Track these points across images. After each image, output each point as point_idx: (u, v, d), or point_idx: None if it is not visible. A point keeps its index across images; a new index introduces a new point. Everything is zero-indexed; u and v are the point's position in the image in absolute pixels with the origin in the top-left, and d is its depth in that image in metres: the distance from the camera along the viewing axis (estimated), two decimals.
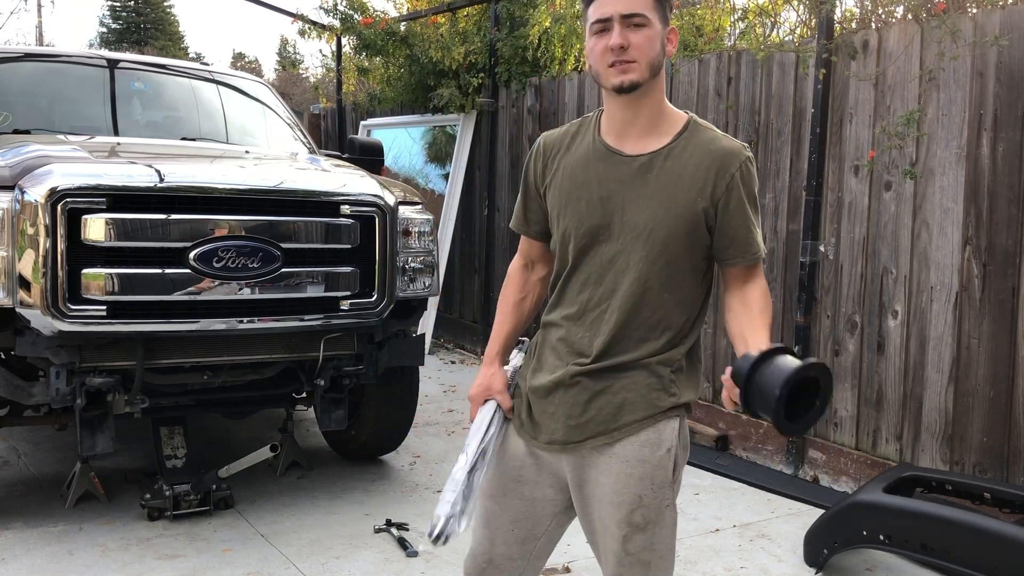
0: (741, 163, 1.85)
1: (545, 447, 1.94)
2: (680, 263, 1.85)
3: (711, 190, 1.82)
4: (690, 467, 4.66)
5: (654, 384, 1.87)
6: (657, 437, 1.87)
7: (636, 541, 1.87)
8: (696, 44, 5.53)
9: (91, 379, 3.41)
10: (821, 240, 4.43)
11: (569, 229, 1.90)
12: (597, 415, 1.87)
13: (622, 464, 1.86)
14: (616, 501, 1.86)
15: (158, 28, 42.53)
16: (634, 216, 1.82)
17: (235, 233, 3.46)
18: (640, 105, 1.83)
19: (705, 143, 1.86)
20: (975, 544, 2.99)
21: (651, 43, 1.78)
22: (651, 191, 1.82)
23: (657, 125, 1.86)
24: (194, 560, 3.41)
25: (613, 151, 1.87)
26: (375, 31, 7.53)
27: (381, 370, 3.99)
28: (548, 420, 1.92)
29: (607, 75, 1.79)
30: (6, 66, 4.67)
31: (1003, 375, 3.71)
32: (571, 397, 1.89)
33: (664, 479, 1.88)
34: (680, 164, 1.83)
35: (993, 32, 3.63)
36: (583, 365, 1.88)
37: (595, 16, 1.79)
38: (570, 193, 1.90)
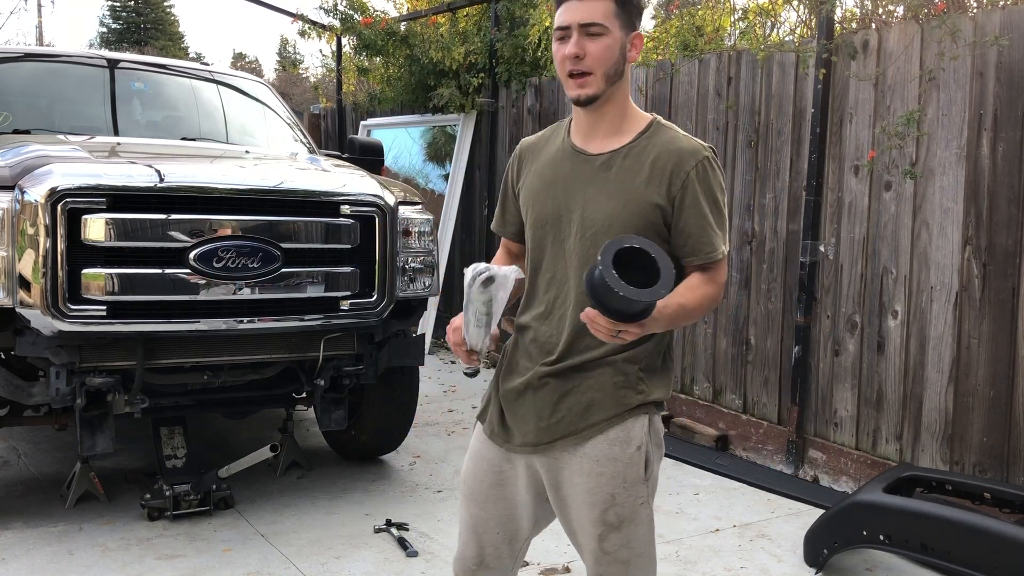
0: (698, 161, 1.85)
1: (518, 449, 1.96)
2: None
3: (667, 187, 1.84)
4: (690, 467, 4.66)
5: (621, 382, 1.88)
6: (626, 435, 1.88)
7: (612, 540, 1.90)
8: (696, 44, 5.53)
9: (91, 379, 3.41)
10: (821, 240, 4.43)
11: (536, 226, 1.96)
12: (566, 415, 1.89)
13: (593, 463, 1.88)
14: (589, 501, 1.88)
15: (158, 28, 42.52)
16: (593, 212, 1.86)
17: (235, 233, 3.46)
18: (602, 111, 1.88)
19: (665, 142, 1.88)
20: (975, 544, 2.99)
21: (608, 52, 1.81)
22: (610, 188, 1.86)
23: (621, 126, 1.90)
24: (194, 560, 3.41)
25: (579, 151, 1.92)
26: (375, 31, 7.53)
27: (381, 370, 3.99)
28: (519, 423, 1.95)
29: (567, 85, 1.86)
30: (6, 66, 4.67)
31: (1003, 375, 3.71)
32: (540, 399, 1.92)
33: (636, 477, 1.89)
34: (639, 162, 1.86)
35: (993, 32, 3.63)
36: (550, 365, 1.91)
37: (557, 23, 1.85)
38: (538, 192, 1.96)
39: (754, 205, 4.81)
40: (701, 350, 5.17)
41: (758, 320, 4.81)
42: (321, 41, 9.17)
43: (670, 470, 4.63)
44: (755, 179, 4.81)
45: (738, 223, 4.90)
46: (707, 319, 5.11)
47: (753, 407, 4.86)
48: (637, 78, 5.61)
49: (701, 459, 4.74)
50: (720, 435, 4.94)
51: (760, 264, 4.79)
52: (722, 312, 5.02)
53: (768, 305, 4.75)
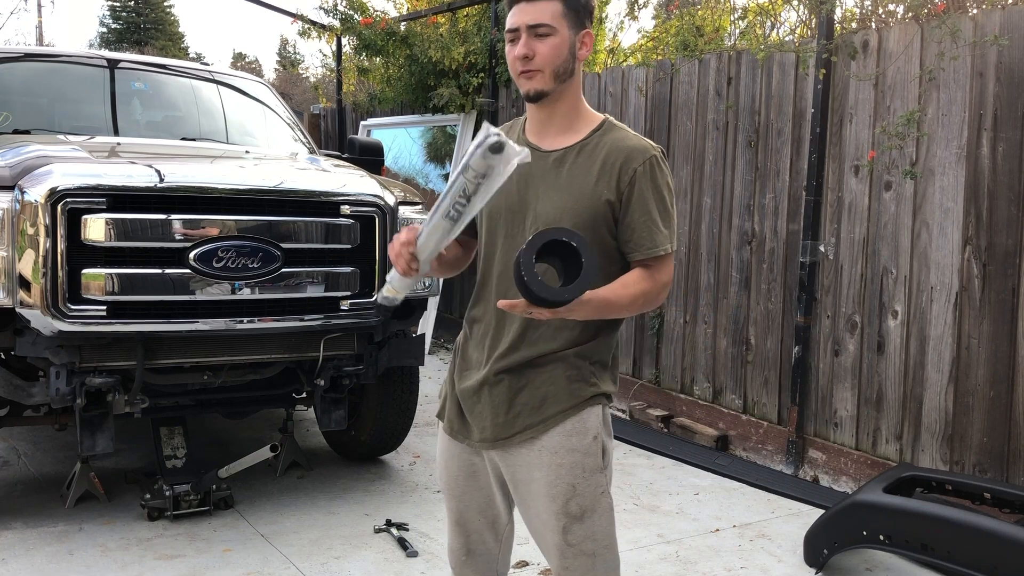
0: (646, 159, 1.90)
1: (477, 445, 2.00)
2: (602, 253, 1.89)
3: (616, 183, 1.89)
4: (690, 467, 4.66)
5: (574, 376, 1.93)
6: (582, 425, 1.93)
7: (575, 532, 1.93)
8: (696, 44, 5.53)
9: (91, 379, 3.41)
10: (821, 240, 4.43)
11: (489, 219, 1.99)
12: (522, 411, 1.93)
13: (551, 455, 1.92)
14: (551, 493, 1.92)
15: (158, 28, 42.50)
16: (545, 207, 1.90)
17: (235, 233, 3.46)
18: (554, 108, 1.93)
19: (616, 140, 1.93)
20: (975, 544, 2.99)
21: (556, 51, 1.87)
22: (562, 183, 1.91)
23: (573, 124, 1.95)
24: (194, 560, 3.41)
25: (533, 147, 1.95)
26: (375, 31, 7.53)
27: (381, 370, 3.99)
28: (477, 419, 1.99)
29: (518, 82, 1.92)
30: (6, 66, 4.66)
31: (1003, 375, 3.71)
32: (496, 395, 1.95)
33: (595, 466, 1.94)
34: (591, 159, 1.91)
35: (993, 32, 3.63)
36: (503, 358, 1.94)
37: (508, 25, 1.91)
38: None
39: (754, 205, 4.81)
40: (701, 350, 5.17)
41: (758, 320, 4.81)
42: (321, 41, 9.18)
43: (670, 470, 4.63)
44: (755, 179, 4.81)
45: (738, 223, 4.91)
46: (707, 319, 5.11)
47: (753, 407, 4.86)
48: (637, 78, 5.62)
49: (701, 459, 4.74)
50: (720, 435, 4.94)
51: (760, 264, 4.79)
52: (722, 312, 5.02)
53: (768, 305, 4.75)
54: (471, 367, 2.01)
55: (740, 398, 4.93)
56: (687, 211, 5.26)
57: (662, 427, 5.26)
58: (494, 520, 2.09)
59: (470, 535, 2.10)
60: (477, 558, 2.12)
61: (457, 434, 2.04)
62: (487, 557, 2.12)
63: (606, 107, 5.93)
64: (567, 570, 1.96)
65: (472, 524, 2.09)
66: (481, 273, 2.04)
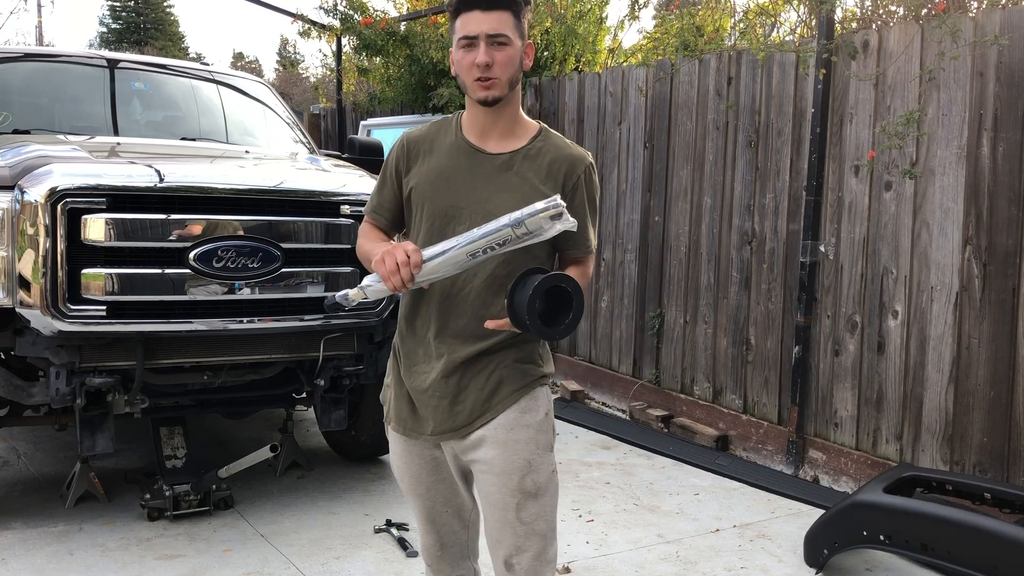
0: (586, 167, 2.07)
1: (436, 438, 2.06)
2: (536, 250, 2.00)
3: (561, 187, 2.03)
4: (690, 467, 4.66)
5: (524, 358, 2.04)
6: (534, 403, 2.04)
7: (529, 509, 2.01)
8: (696, 44, 5.53)
9: (91, 379, 3.41)
10: (821, 240, 4.43)
11: (433, 217, 2.04)
12: (477, 397, 2.02)
13: (507, 432, 2.01)
14: (507, 470, 2.00)
15: (158, 28, 42.50)
16: (496, 207, 1.97)
17: (235, 233, 3.46)
18: (500, 113, 2.03)
19: (558, 147, 2.07)
20: (975, 544, 2.99)
21: (512, 61, 1.97)
22: (512, 185, 2.02)
23: (514, 129, 2.06)
24: (194, 560, 3.41)
25: (476, 148, 2.05)
26: (375, 31, 7.53)
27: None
28: (433, 412, 2.05)
29: (473, 88, 1.99)
30: (6, 66, 4.66)
31: (1003, 375, 3.71)
32: (452, 386, 2.02)
33: (547, 442, 2.06)
34: (536, 163, 2.04)
35: (993, 32, 3.63)
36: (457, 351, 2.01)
37: (463, 32, 1.97)
38: (435, 184, 2.05)
39: (754, 205, 4.81)
40: (701, 350, 5.17)
41: (758, 320, 4.81)
42: (321, 41, 9.18)
43: (670, 470, 4.63)
44: (755, 179, 4.81)
45: (738, 223, 4.90)
46: (707, 319, 5.11)
47: (753, 407, 4.86)
48: (637, 78, 5.62)
49: (701, 459, 4.74)
50: (720, 435, 4.94)
51: (760, 264, 4.79)
52: (722, 312, 5.02)
53: (768, 305, 4.75)
54: (419, 363, 2.06)
55: (740, 398, 4.93)
56: (687, 211, 5.26)
57: (662, 427, 5.26)
58: (459, 508, 2.17)
59: (440, 529, 2.18)
60: (450, 549, 2.20)
61: (411, 432, 2.09)
62: (459, 547, 2.20)
63: (606, 107, 5.93)
64: (520, 550, 2.02)
65: (441, 518, 2.16)
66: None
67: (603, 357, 5.98)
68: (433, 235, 2.02)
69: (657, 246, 5.50)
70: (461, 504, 2.16)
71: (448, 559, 2.20)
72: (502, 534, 2.04)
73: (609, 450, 4.91)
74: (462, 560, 2.22)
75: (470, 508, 2.19)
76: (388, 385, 2.18)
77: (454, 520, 2.17)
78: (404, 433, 2.11)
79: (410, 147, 2.11)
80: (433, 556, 2.20)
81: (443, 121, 2.14)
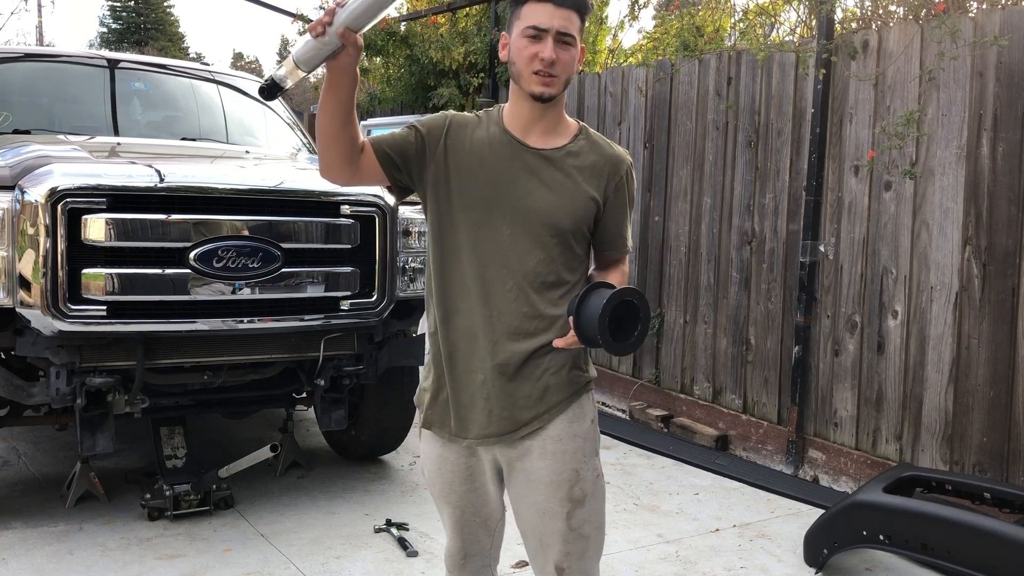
0: (627, 168, 2.08)
1: (480, 442, 2.02)
2: (575, 248, 2.02)
3: (603, 186, 2.03)
4: (690, 467, 4.66)
5: (571, 364, 2.02)
6: (581, 411, 2.03)
7: (577, 516, 2.01)
8: (696, 44, 5.53)
9: (91, 379, 3.41)
10: (821, 240, 4.43)
11: (471, 207, 1.98)
12: (525, 403, 1.98)
13: (556, 443, 1.99)
14: (556, 480, 1.99)
15: (158, 28, 42.50)
16: (538, 202, 1.97)
17: (235, 233, 3.46)
18: (547, 110, 2.01)
19: (600, 147, 2.07)
20: (975, 544, 2.99)
21: (574, 62, 1.97)
22: (556, 182, 2.00)
23: (557, 127, 2.04)
24: (194, 560, 3.41)
25: (519, 141, 2.01)
26: (375, 31, 7.53)
27: (381, 370, 3.99)
28: (478, 415, 2.00)
29: (530, 81, 1.94)
30: (6, 66, 4.66)
31: (1003, 375, 3.71)
32: (499, 391, 1.98)
33: (593, 449, 2.05)
34: (580, 160, 2.03)
35: (993, 32, 3.63)
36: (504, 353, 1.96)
37: (532, 21, 1.91)
38: (474, 171, 1.99)
39: (754, 205, 4.81)
40: (701, 350, 5.17)
41: (758, 320, 4.81)
42: None
43: (670, 470, 4.63)
44: (755, 179, 4.81)
45: (738, 223, 4.91)
46: (707, 319, 5.11)
47: (753, 407, 4.86)
48: (637, 78, 5.62)
49: (701, 459, 4.74)
50: (720, 435, 4.94)
51: (760, 264, 4.79)
52: (722, 312, 5.03)
53: (768, 305, 4.75)
54: (462, 364, 2.01)
55: (740, 398, 4.93)
56: (687, 211, 5.26)
57: (662, 427, 5.26)
58: (487, 519, 2.14)
59: (467, 537, 2.15)
60: (473, 559, 2.17)
61: (454, 436, 2.04)
62: (482, 556, 2.18)
63: (606, 107, 5.93)
64: (568, 555, 2.03)
65: (468, 527, 2.14)
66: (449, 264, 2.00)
67: (603, 357, 5.98)
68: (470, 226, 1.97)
69: (657, 246, 5.50)
70: (489, 514, 2.13)
71: (470, 568, 2.18)
72: (552, 540, 2.03)
73: (609, 450, 4.91)
74: (483, 569, 2.19)
75: (497, 518, 2.16)
76: (425, 388, 2.10)
77: (480, 529, 2.14)
78: (447, 438, 2.06)
79: (454, 127, 2.02)
80: (456, 564, 2.18)
81: (486, 112, 2.09)
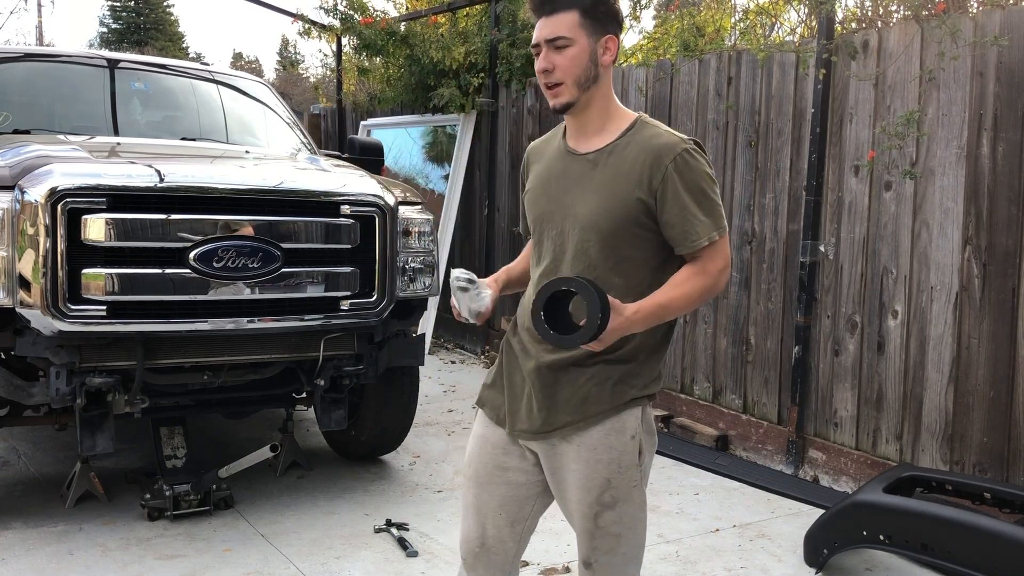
0: (676, 155, 1.92)
1: (519, 435, 2.06)
2: (625, 251, 1.94)
3: (648, 182, 1.92)
4: (690, 467, 4.66)
5: (617, 378, 1.97)
6: (621, 425, 1.98)
7: (606, 517, 2.00)
8: (696, 44, 5.53)
9: (91, 379, 3.41)
10: (821, 240, 4.43)
11: (535, 224, 2.07)
12: (564, 407, 1.98)
13: (590, 452, 1.98)
14: (587, 486, 1.99)
15: (158, 28, 42.48)
16: (582, 208, 1.96)
17: (235, 233, 3.46)
18: (584, 114, 1.99)
19: (646, 139, 1.96)
20: (975, 544, 2.99)
21: (574, 62, 1.92)
22: (596, 185, 1.96)
23: (606, 126, 2.00)
24: (194, 560, 3.41)
25: (570, 150, 2.03)
26: (375, 31, 7.53)
27: (381, 370, 3.99)
28: (521, 410, 2.04)
29: (547, 95, 1.99)
30: (6, 66, 4.66)
31: (1003, 375, 3.71)
32: (540, 389, 2.00)
33: (631, 462, 1.99)
34: (621, 159, 1.96)
35: (993, 32, 3.63)
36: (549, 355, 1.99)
37: (533, 41, 1.97)
38: (535, 192, 2.07)
39: (754, 205, 4.81)
40: (701, 350, 5.17)
41: (758, 320, 4.81)
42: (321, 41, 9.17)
43: (670, 470, 4.63)
44: (755, 179, 4.81)
45: (738, 223, 4.90)
46: (707, 319, 5.11)
47: (753, 407, 4.86)
48: (637, 78, 5.62)
49: (701, 459, 4.74)
50: (720, 435, 4.94)
51: (760, 264, 4.79)
52: (722, 312, 5.02)
53: (768, 305, 4.75)
54: (518, 359, 2.07)
55: (740, 398, 4.93)
56: None
57: (662, 427, 5.26)
58: (514, 519, 2.10)
59: (487, 528, 2.11)
60: (492, 555, 2.12)
61: (502, 421, 2.08)
62: (503, 557, 2.12)
63: None
64: (595, 550, 2.04)
65: (491, 518, 2.10)
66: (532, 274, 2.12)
67: None
68: (536, 242, 2.07)
69: None
70: (517, 514, 2.10)
71: (486, 563, 2.12)
72: (581, 536, 2.06)
73: None
74: (498, 570, 2.14)
75: (524, 518, 2.12)
76: (491, 369, 2.18)
77: (504, 527, 2.10)
78: (495, 421, 2.10)
79: (529, 158, 2.18)
80: (471, 551, 2.12)
81: (560, 126, 2.12)
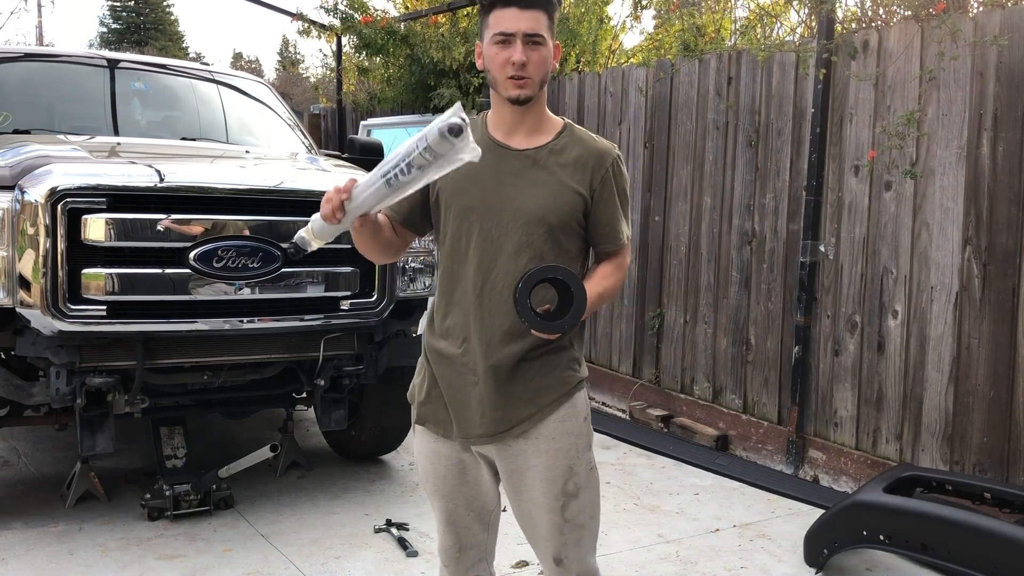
0: (613, 159, 2.07)
1: (473, 441, 2.07)
2: (566, 244, 2.04)
3: (589, 180, 2.04)
4: (690, 467, 4.66)
5: (563, 365, 2.05)
6: (574, 410, 2.06)
7: (571, 508, 2.06)
8: (696, 44, 5.53)
9: (91, 379, 3.41)
10: (821, 240, 4.43)
11: (460, 216, 2.04)
12: (516, 403, 2.02)
13: (549, 442, 2.03)
14: (550, 477, 2.04)
15: (158, 28, 42.49)
16: (528, 203, 2.00)
17: (235, 233, 3.46)
18: (528, 111, 2.04)
19: (584, 141, 2.08)
20: (975, 544, 2.99)
21: (546, 62, 1.99)
22: (540, 181, 2.02)
23: (541, 126, 2.07)
24: (194, 560, 3.41)
25: (503, 145, 2.05)
26: (375, 30, 7.53)
27: (381, 370, 3.99)
28: (471, 415, 2.04)
29: (505, 85, 1.98)
30: (6, 66, 4.66)
31: (1003, 375, 3.71)
32: (489, 390, 2.01)
33: (586, 445, 2.09)
34: (563, 157, 2.05)
35: (993, 32, 3.63)
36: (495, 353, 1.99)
37: (498, 28, 1.96)
38: (460, 183, 2.03)
39: (754, 205, 4.81)
40: (701, 350, 5.17)
41: (758, 320, 4.81)
42: (321, 41, 9.17)
43: (670, 470, 4.63)
44: (755, 179, 4.81)
45: (738, 223, 4.90)
46: (707, 319, 5.11)
47: (753, 407, 4.86)
48: (637, 78, 5.62)
49: (701, 459, 4.74)
50: (720, 435, 4.94)
51: (760, 264, 4.79)
52: (722, 312, 5.02)
53: (768, 305, 4.75)
54: (455, 364, 2.06)
55: (740, 398, 4.93)
56: (687, 211, 5.26)
57: (662, 427, 5.26)
58: (480, 512, 2.16)
59: (460, 531, 2.17)
60: (468, 552, 2.19)
61: (449, 433, 2.09)
62: (478, 549, 2.20)
63: (606, 107, 5.93)
64: (564, 545, 2.07)
65: (462, 521, 2.16)
66: (450, 271, 2.08)
67: (603, 357, 5.98)
68: (460, 236, 2.03)
69: (657, 246, 5.50)
70: (483, 506, 2.16)
71: (466, 561, 2.19)
72: (549, 532, 2.08)
73: (609, 450, 4.91)
74: (479, 562, 2.21)
75: (491, 510, 2.18)
76: (418, 385, 2.17)
77: (475, 523, 2.16)
78: (441, 435, 2.10)
79: None
80: (451, 557, 2.20)
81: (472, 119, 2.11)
